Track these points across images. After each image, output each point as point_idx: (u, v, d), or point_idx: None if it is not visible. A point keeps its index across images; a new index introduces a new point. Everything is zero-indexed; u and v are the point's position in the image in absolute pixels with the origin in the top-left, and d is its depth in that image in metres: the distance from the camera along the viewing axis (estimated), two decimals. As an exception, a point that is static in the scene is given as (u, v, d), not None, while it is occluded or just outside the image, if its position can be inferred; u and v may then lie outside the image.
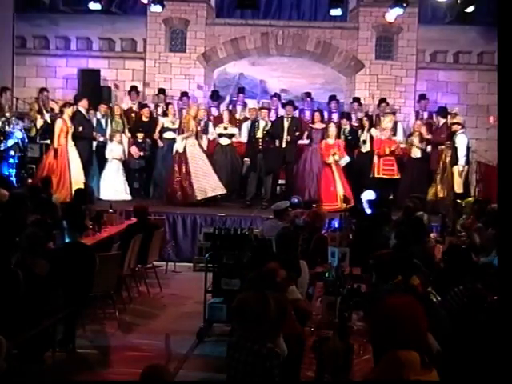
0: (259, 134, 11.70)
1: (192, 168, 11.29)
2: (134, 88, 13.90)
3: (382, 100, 13.65)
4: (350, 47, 14.94)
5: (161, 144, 12.47)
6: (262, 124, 11.76)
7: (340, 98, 14.41)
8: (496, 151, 3.92)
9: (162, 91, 13.92)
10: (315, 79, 15.35)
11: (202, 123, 12.24)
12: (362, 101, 13.98)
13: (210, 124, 12.58)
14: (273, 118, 12.62)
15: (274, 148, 11.67)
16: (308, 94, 13.88)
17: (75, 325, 6.49)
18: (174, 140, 11.84)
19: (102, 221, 8.79)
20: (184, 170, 11.30)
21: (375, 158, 11.90)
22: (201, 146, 11.68)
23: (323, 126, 12.25)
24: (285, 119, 12.00)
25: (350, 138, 12.26)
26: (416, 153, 12.04)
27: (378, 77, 14.83)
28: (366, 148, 12.22)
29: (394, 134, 12.25)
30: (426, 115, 13.25)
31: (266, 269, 4.68)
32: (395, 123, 12.50)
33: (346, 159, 11.80)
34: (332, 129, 11.80)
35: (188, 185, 11.26)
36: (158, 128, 12.55)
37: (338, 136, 11.90)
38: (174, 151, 11.62)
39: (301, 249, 6.77)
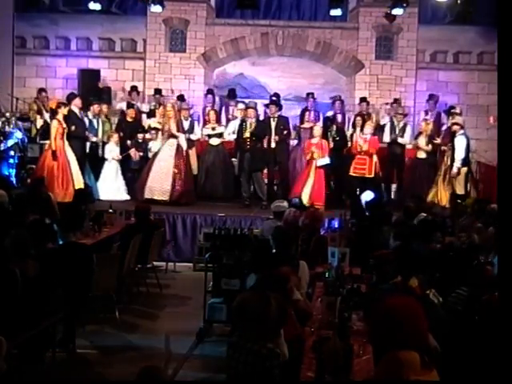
0: (247, 134, 11.65)
1: (154, 168, 11.38)
2: (134, 88, 13.90)
3: (395, 100, 13.61)
4: (350, 47, 14.94)
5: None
6: (248, 124, 11.71)
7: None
8: (496, 151, 3.92)
9: (158, 91, 13.92)
10: (315, 79, 15.34)
11: (187, 123, 12.23)
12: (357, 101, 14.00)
13: (196, 124, 12.57)
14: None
15: (261, 148, 11.62)
16: (311, 94, 13.87)
17: (75, 325, 6.49)
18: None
19: (102, 221, 8.77)
20: (147, 169, 11.45)
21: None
22: (178, 147, 11.55)
23: (311, 125, 12.25)
24: (271, 119, 11.97)
25: (337, 138, 12.22)
26: (421, 154, 12.03)
27: (378, 77, 14.83)
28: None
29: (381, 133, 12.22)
30: (434, 115, 13.23)
31: (279, 273, 4.68)
32: (404, 124, 12.48)
33: (324, 160, 11.44)
34: (317, 128, 11.72)
35: (143, 182, 11.39)
36: (146, 128, 12.59)
37: (324, 137, 11.78)
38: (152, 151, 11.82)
39: (301, 249, 6.77)
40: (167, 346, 4.85)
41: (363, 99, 13.61)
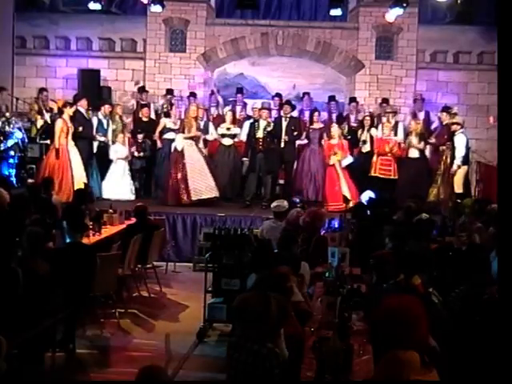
0: (259, 134, 11.61)
1: (188, 169, 11.30)
2: (142, 88, 13.91)
3: (385, 100, 13.61)
4: (350, 47, 14.94)
5: (159, 144, 12.49)
6: (262, 124, 11.66)
7: (340, 98, 14.40)
8: (496, 151, 3.92)
9: (169, 91, 13.93)
10: (315, 79, 15.34)
11: (202, 123, 12.22)
12: (362, 101, 13.99)
13: (211, 124, 12.55)
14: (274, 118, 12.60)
15: (275, 148, 11.64)
16: (307, 94, 13.89)
17: (75, 325, 6.48)
18: (174, 140, 11.89)
19: (102, 221, 8.78)
20: (180, 170, 11.34)
21: (374, 157, 11.90)
22: (198, 147, 11.67)
23: (321, 126, 12.24)
24: (283, 119, 11.96)
25: (349, 137, 12.23)
26: (414, 153, 11.98)
27: (378, 77, 14.82)
28: (366, 148, 12.20)
29: (395, 134, 12.21)
30: (422, 115, 13.21)
31: (278, 272, 4.67)
32: (396, 123, 12.47)
33: (348, 159, 11.69)
34: (334, 129, 11.75)
35: (184, 185, 11.28)
36: (159, 128, 12.56)
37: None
38: (173, 149, 11.68)
39: (301, 249, 6.77)
40: (167, 346, 4.86)
41: (353, 99, 13.62)
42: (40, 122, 12.44)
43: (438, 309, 4.54)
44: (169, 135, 12.27)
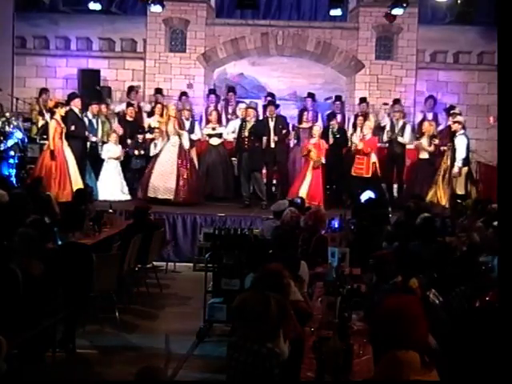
0: (246, 134, 11.71)
1: (156, 167, 11.43)
2: (132, 88, 13.88)
3: (396, 101, 13.50)
4: (350, 47, 14.94)
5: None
6: (248, 123, 11.77)
7: (340, 98, 14.40)
8: (496, 151, 3.92)
9: (158, 91, 13.93)
10: (315, 79, 15.34)
11: (188, 123, 12.24)
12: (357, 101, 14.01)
13: (196, 124, 12.57)
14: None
15: (259, 147, 11.61)
16: (311, 95, 13.88)
17: (75, 325, 6.49)
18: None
19: (102, 221, 8.77)
20: (150, 167, 11.53)
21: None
22: (180, 148, 11.59)
23: (310, 125, 12.25)
24: (269, 119, 11.95)
25: (338, 136, 12.18)
26: (423, 154, 12.02)
27: (378, 77, 14.82)
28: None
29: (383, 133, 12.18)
30: (431, 116, 13.23)
31: (271, 270, 4.66)
32: (404, 123, 12.46)
33: (321, 159, 11.51)
34: (316, 128, 11.73)
35: (146, 181, 11.45)
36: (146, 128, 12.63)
37: (323, 137, 11.77)
38: (152, 151, 12.00)
39: (301, 249, 6.77)
40: (167, 346, 4.85)
41: (363, 99, 13.60)
42: (41, 123, 12.43)
43: (436, 310, 4.54)
44: (154, 134, 12.34)
